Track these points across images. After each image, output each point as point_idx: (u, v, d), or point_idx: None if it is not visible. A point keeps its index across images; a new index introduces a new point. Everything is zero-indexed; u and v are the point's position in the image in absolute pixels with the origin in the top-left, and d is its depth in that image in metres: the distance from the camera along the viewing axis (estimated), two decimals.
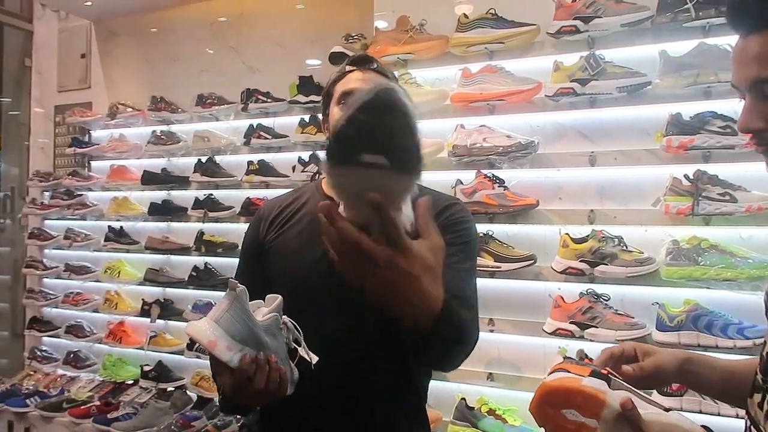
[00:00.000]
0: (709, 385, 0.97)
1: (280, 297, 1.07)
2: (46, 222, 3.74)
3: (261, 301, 1.09)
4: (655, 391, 1.82)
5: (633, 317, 2.08)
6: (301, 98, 2.90)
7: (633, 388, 0.80)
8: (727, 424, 1.79)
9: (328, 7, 3.13)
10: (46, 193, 3.73)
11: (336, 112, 1.26)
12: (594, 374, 0.79)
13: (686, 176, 2.01)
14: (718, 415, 1.88)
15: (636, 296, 2.15)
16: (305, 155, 2.88)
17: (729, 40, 2.01)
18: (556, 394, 0.79)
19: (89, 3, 3.55)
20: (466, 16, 2.40)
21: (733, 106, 2.03)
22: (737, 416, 1.86)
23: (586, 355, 2.14)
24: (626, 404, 0.73)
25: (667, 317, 1.99)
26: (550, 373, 0.83)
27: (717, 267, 1.93)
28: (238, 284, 1.00)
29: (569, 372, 0.81)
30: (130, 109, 3.47)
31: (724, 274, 1.92)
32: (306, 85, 2.90)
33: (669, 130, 2.03)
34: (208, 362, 3.66)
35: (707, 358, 0.98)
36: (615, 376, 0.81)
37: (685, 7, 2.02)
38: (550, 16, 2.25)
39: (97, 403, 3.11)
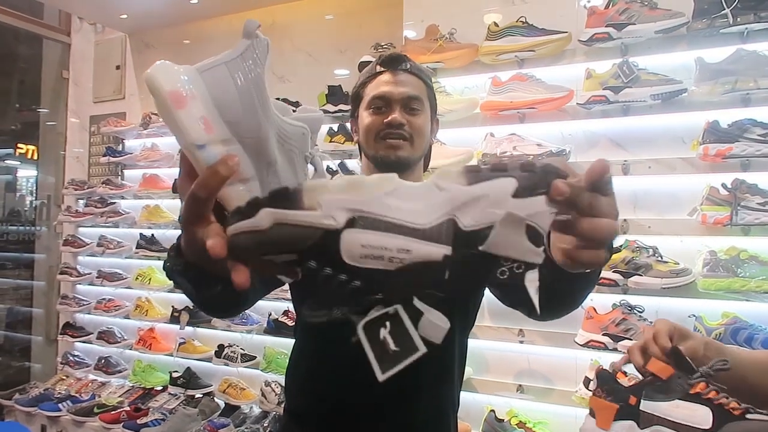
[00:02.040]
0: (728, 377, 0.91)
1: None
2: (80, 229, 3.81)
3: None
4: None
5: None
6: (330, 107, 2.91)
7: (667, 417, 0.77)
8: None
9: (358, 17, 3.15)
10: (81, 201, 3.81)
11: (365, 117, 1.19)
12: (622, 411, 0.78)
13: (724, 185, 1.95)
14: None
15: (671, 308, 2.09)
16: (333, 164, 2.89)
17: None
18: None
19: (125, 16, 3.65)
20: (496, 24, 2.39)
21: None
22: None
23: (622, 370, 2.08)
24: None
25: (705, 330, 1.93)
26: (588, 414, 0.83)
27: (757, 279, 1.88)
28: (259, 30, 0.61)
29: (595, 419, 0.79)
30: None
31: (764, 286, 1.87)
32: (335, 94, 2.92)
33: (706, 138, 1.98)
34: (236, 369, 3.65)
35: (730, 348, 0.93)
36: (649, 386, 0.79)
37: (723, 12, 1.98)
38: (581, 24, 2.23)
39: (127, 408, 3.15)
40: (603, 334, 2.08)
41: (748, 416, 0.77)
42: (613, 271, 2.09)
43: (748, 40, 2.00)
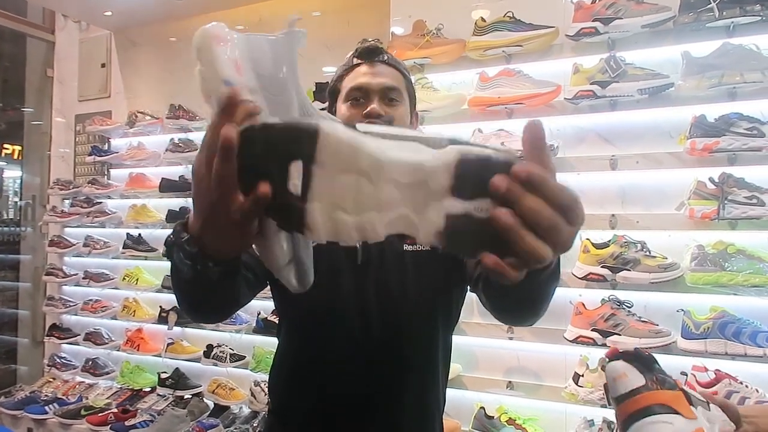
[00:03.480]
0: None
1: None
2: (66, 230, 3.77)
3: None
4: None
5: (657, 324, 2.02)
6: (318, 104, 2.88)
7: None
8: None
9: (345, 14, 3.13)
10: (66, 201, 3.76)
11: (344, 109, 1.16)
12: (686, 395, 0.74)
13: (711, 179, 1.95)
14: (745, 356, 1.87)
15: (660, 303, 2.09)
16: None
17: (754, 40, 1.96)
18: None
19: (109, 13, 3.60)
20: (483, 19, 2.38)
21: (760, 108, 1.98)
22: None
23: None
24: None
25: (693, 324, 1.94)
26: None
27: (744, 273, 1.88)
28: (297, 24, 0.69)
29: (680, 414, 0.74)
30: (149, 117, 3.50)
31: (751, 280, 1.87)
32: (322, 91, 2.89)
33: (693, 132, 1.98)
34: (225, 370, 3.60)
35: (762, 407, 0.91)
36: None
37: (708, 6, 1.98)
38: (568, 19, 2.22)
39: (115, 410, 3.11)
40: (592, 330, 2.08)
41: None
42: (602, 267, 2.08)
43: (734, 34, 2.00)
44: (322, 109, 2.94)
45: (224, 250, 0.65)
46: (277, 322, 2.74)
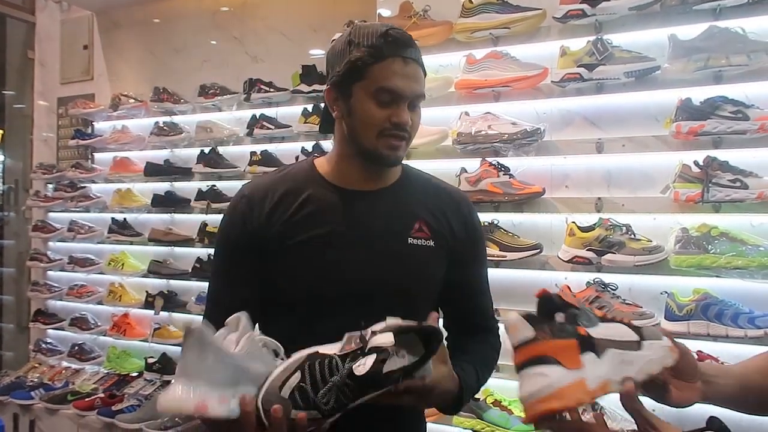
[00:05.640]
0: (725, 393, 0.92)
1: (243, 315, 0.93)
2: (50, 214, 3.73)
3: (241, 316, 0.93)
4: None
5: (641, 307, 2.04)
6: (304, 88, 2.86)
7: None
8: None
9: None
10: (50, 186, 3.72)
11: (370, 107, 1.08)
12: (582, 344, 0.75)
13: (696, 162, 1.96)
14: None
15: (644, 285, 2.11)
16: (308, 145, 2.85)
17: (740, 23, 1.96)
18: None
19: None
20: (470, 1, 2.35)
21: (745, 91, 1.98)
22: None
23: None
24: None
25: (677, 307, 1.95)
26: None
27: (727, 255, 1.89)
28: (193, 325, 0.85)
29: (560, 364, 0.74)
30: (133, 101, 3.45)
31: (734, 263, 1.88)
32: (309, 74, 2.87)
33: (678, 115, 1.98)
34: None
35: (722, 366, 0.94)
36: None
37: None
38: (556, 0, 2.20)
39: (102, 395, 3.11)
40: None
41: None
42: (587, 250, 2.09)
43: (721, 17, 2.00)
44: (310, 92, 2.85)
45: None
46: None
